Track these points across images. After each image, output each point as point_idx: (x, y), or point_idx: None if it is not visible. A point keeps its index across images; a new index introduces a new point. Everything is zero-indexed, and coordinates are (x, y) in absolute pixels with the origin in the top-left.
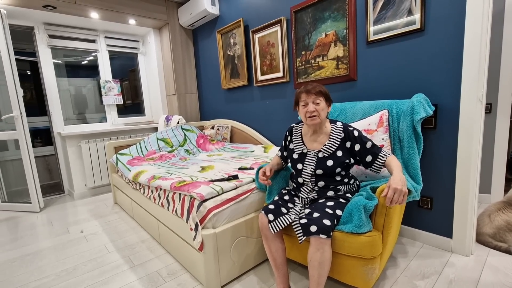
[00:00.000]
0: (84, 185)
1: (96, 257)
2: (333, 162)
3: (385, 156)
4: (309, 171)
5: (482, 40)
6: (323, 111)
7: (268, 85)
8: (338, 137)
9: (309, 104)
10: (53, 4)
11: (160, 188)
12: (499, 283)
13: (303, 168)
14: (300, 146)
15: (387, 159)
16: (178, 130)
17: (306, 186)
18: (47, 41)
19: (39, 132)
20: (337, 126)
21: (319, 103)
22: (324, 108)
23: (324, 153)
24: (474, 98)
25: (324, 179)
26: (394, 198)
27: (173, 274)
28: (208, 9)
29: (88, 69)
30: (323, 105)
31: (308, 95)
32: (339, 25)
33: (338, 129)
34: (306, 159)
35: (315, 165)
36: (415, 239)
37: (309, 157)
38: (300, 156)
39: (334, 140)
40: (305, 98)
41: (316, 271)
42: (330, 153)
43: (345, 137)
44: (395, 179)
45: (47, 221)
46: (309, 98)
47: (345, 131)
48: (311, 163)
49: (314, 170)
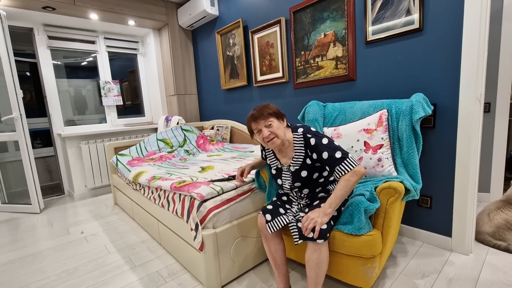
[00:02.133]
0: (84, 186)
1: (97, 258)
2: (307, 172)
3: (340, 172)
4: (287, 185)
5: (480, 39)
6: (279, 129)
7: (267, 85)
8: (301, 146)
9: (262, 129)
10: (52, 6)
11: (160, 188)
12: (499, 282)
13: (283, 183)
14: (275, 162)
15: (340, 179)
16: (178, 130)
17: (293, 197)
18: (47, 42)
19: (39, 133)
20: (298, 134)
21: (270, 124)
22: (279, 126)
23: (295, 166)
24: (473, 97)
25: (307, 187)
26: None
27: (173, 274)
28: (207, 9)
29: (87, 70)
30: (276, 124)
31: (257, 122)
32: (338, 25)
33: (299, 137)
34: (282, 174)
35: (291, 179)
36: (415, 238)
37: (284, 172)
38: (277, 171)
39: (299, 150)
40: (256, 126)
41: (314, 271)
42: (300, 164)
43: (306, 144)
44: (316, 211)
45: (47, 222)
46: (259, 124)
47: (304, 138)
48: (288, 178)
49: (292, 184)
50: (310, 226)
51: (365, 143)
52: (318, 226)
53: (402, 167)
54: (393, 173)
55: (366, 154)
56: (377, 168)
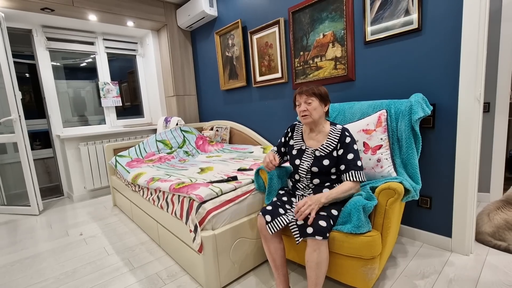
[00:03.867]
0: (83, 187)
1: (96, 260)
2: (329, 161)
3: (351, 176)
4: (305, 167)
5: (479, 39)
6: (315, 110)
7: (266, 86)
8: (335, 139)
9: (301, 104)
10: (51, 7)
11: (159, 190)
12: (499, 282)
13: (300, 164)
14: (300, 143)
15: (347, 181)
16: (177, 131)
17: (302, 183)
18: (45, 43)
19: (38, 134)
20: (337, 128)
21: (310, 103)
22: (317, 108)
23: (321, 152)
24: (472, 97)
25: (319, 177)
26: (301, 208)
27: (172, 276)
28: (206, 10)
29: (86, 71)
30: (315, 105)
31: (301, 96)
32: (336, 25)
33: (336, 131)
34: (304, 155)
35: (311, 162)
36: (415, 238)
37: (306, 153)
38: (299, 152)
39: (331, 141)
40: (299, 98)
41: (314, 272)
42: (326, 153)
43: (340, 139)
44: (315, 196)
45: (46, 224)
46: (301, 98)
47: (342, 134)
48: (308, 160)
49: (310, 167)
50: (307, 212)
51: (364, 143)
52: (313, 212)
53: (401, 168)
54: (393, 174)
55: (365, 155)
56: (376, 169)
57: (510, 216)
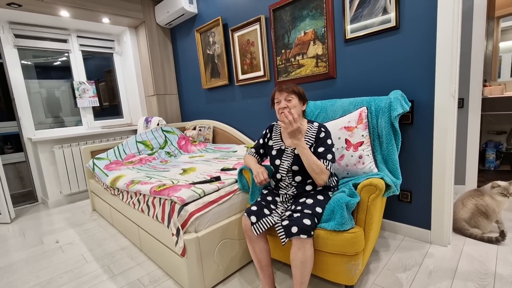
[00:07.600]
0: (59, 192)
1: (73, 268)
2: None
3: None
4: (285, 166)
5: (453, 37)
6: (295, 108)
7: (249, 84)
8: (312, 136)
9: (281, 101)
10: (18, 2)
11: (139, 193)
12: (475, 271)
13: (281, 164)
14: (279, 142)
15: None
16: (158, 132)
17: (284, 182)
18: (13, 41)
19: (9, 137)
20: (314, 125)
21: (290, 100)
22: (296, 106)
23: None
24: (447, 93)
25: (300, 175)
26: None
27: (155, 281)
28: (186, 7)
29: (60, 70)
30: (295, 103)
31: (281, 93)
32: (317, 23)
33: (314, 128)
34: (284, 155)
35: (291, 161)
36: (396, 232)
37: (286, 153)
38: (278, 152)
39: (309, 138)
40: (278, 96)
41: (299, 271)
42: None
43: (316, 136)
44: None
45: (18, 232)
46: (281, 95)
47: (318, 131)
48: (288, 159)
49: (290, 166)
50: (290, 118)
51: (346, 140)
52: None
53: (382, 164)
54: (374, 170)
55: (348, 152)
56: (358, 165)
57: (479, 202)
